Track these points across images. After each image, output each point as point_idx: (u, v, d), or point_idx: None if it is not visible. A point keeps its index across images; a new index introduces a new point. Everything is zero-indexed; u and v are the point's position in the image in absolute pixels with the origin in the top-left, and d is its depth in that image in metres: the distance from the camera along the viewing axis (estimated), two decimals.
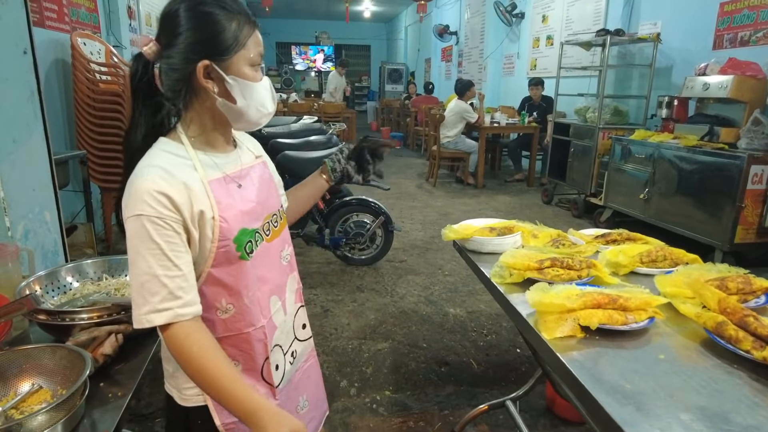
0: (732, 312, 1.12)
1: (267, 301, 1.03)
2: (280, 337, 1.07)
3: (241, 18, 0.91)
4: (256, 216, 0.99)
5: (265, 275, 1.02)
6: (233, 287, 0.95)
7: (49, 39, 3.42)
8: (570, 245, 1.65)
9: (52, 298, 1.36)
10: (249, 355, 1.01)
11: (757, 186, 3.31)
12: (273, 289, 1.05)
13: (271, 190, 1.08)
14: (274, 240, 1.05)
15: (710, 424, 0.84)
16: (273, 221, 1.05)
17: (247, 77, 0.92)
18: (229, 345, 0.98)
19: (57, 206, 2.10)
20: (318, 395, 1.25)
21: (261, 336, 1.01)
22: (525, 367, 2.41)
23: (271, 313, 1.04)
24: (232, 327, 0.98)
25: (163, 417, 2.05)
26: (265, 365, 1.03)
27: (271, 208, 1.05)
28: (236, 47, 0.90)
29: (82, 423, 0.95)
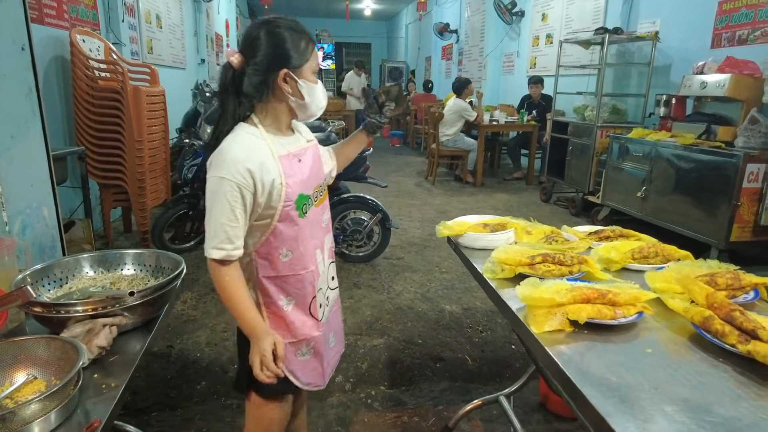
0: (719, 307, 1.13)
1: (314, 252, 1.33)
2: (323, 283, 1.38)
3: (307, 37, 1.24)
4: (310, 185, 1.30)
5: (313, 232, 1.33)
6: (293, 238, 1.27)
7: (48, 36, 3.43)
8: (563, 242, 1.66)
9: (48, 291, 1.38)
10: (301, 293, 1.32)
11: (753, 184, 3.32)
12: (317, 244, 1.35)
13: (320, 166, 1.39)
14: (320, 205, 1.37)
15: (693, 416, 0.85)
16: (320, 191, 1.36)
17: (311, 81, 1.25)
18: (287, 283, 1.30)
19: (55, 202, 2.11)
20: (340, 334, 1.56)
21: (311, 278, 1.32)
22: (519, 363, 2.43)
23: (317, 262, 1.34)
24: (290, 268, 1.29)
25: (158, 411, 2.07)
26: (313, 302, 1.34)
27: (320, 180, 1.37)
28: (306, 59, 1.23)
29: (75, 413, 0.97)
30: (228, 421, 2.01)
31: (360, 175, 3.54)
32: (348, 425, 2.00)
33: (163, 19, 6.03)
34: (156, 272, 1.51)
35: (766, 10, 3.87)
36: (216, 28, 9.39)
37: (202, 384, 2.22)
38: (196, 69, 7.70)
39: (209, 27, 8.72)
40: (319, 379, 1.42)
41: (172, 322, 2.73)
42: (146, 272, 1.52)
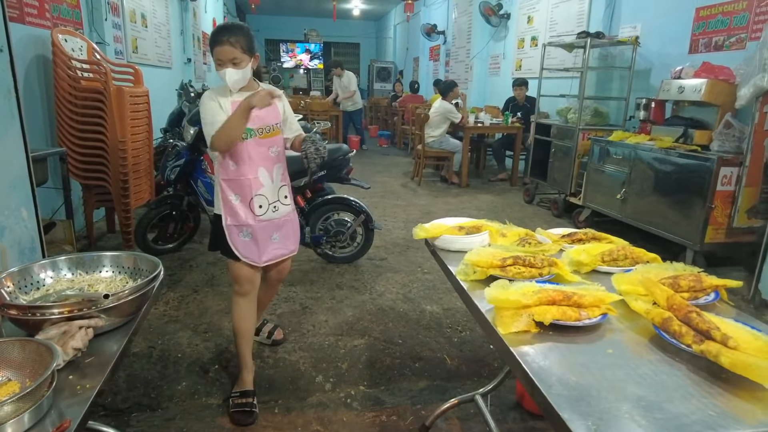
0: (678, 308, 1.18)
1: (255, 168, 1.96)
2: (266, 192, 1.99)
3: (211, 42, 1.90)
4: (253, 122, 1.89)
5: (255, 154, 1.95)
6: (236, 154, 1.93)
7: (29, 35, 3.41)
8: (536, 244, 1.70)
9: (25, 294, 1.38)
10: (243, 192, 1.97)
11: (727, 187, 3.41)
12: (260, 163, 1.96)
13: (269, 114, 1.96)
14: (265, 139, 1.97)
15: (644, 413, 0.89)
16: (266, 129, 1.97)
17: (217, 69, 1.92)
18: (234, 184, 1.96)
19: (34, 203, 2.11)
20: (288, 238, 2.13)
21: (248, 184, 1.95)
22: (497, 362, 2.47)
23: (258, 175, 1.96)
24: (234, 174, 1.95)
25: (138, 412, 2.08)
26: (252, 201, 1.97)
27: (266, 121, 1.96)
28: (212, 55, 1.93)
29: (49, 414, 0.98)
30: (208, 420, 2.03)
31: (343, 176, 3.56)
32: (327, 424, 2.03)
33: (148, 18, 6.00)
34: (134, 274, 1.52)
35: (740, 17, 3.97)
36: (203, 27, 9.35)
37: (183, 384, 2.23)
38: (182, 68, 7.66)
39: (196, 26, 8.67)
40: (255, 257, 2.02)
41: (154, 323, 2.73)
42: (124, 274, 1.53)
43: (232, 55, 1.83)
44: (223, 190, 1.97)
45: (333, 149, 3.36)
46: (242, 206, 1.96)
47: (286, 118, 2.09)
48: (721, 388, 0.96)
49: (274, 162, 2.01)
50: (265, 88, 1.94)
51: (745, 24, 3.93)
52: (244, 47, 1.85)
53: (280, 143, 2.04)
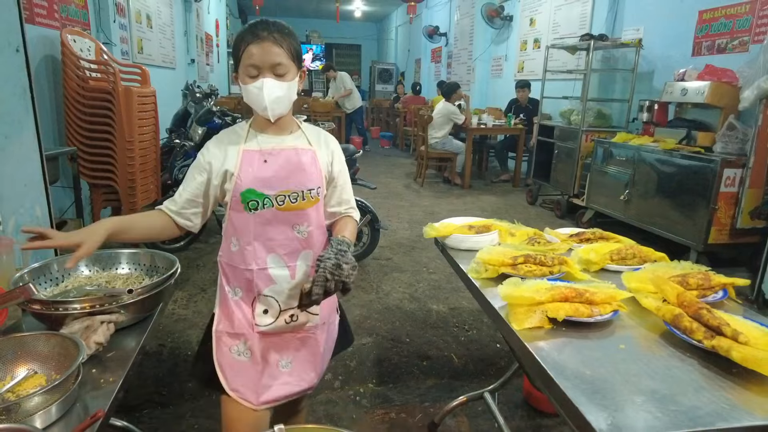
0: (688, 305, 1.20)
1: (263, 253, 1.30)
2: (277, 292, 1.32)
3: (242, 37, 1.25)
4: (271, 185, 1.27)
5: (268, 233, 1.30)
6: (239, 230, 1.30)
7: (39, 35, 3.43)
8: (545, 243, 1.73)
9: (44, 289, 1.41)
10: (245, 287, 1.33)
11: (730, 189, 3.43)
12: (275, 247, 1.30)
13: (298, 173, 1.30)
14: (288, 211, 1.30)
15: (659, 405, 0.92)
16: (291, 196, 1.29)
17: (243, 81, 1.27)
18: (233, 272, 1.34)
19: (47, 201, 2.14)
20: (305, 366, 1.41)
21: (250, 276, 1.31)
22: (504, 361, 2.49)
23: (267, 266, 1.31)
24: (235, 259, 1.33)
25: (150, 408, 2.10)
26: (255, 302, 1.33)
27: (290, 186, 1.29)
28: (238, 62, 1.27)
29: (75, 406, 1.00)
30: (218, 418, 2.04)
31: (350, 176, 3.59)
32: (336, 422, 2.05)
33: (153, 18, 6.03)
34: (150, 271, 1.54)
35: (743, 20, 3.99)
36: (206, 28, 9.38)
37: (193, 382, 2.26)
38: (185, 69, 7.69)
39: (199, 27, 8.71)
40: (250, 394, 1.31)
41: (163, 321, 2.75)
42: (141, 271, 1.55)
43: (275, 59, 1.21)
44: (221, 276, 1.37)
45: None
46: (242, 306, 1.32)
47: (333, 179, 1.39)
48: (733, 382, 0.99)
49: (301, 247, 1.31)
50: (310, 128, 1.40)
51: (748, 27, 3.96)
52: (293, 52, 1.25)
53: (314, 219, 1.33)
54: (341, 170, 1.43)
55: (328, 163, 1.38)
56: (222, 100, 8.04)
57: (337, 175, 1.41)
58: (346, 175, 1.45)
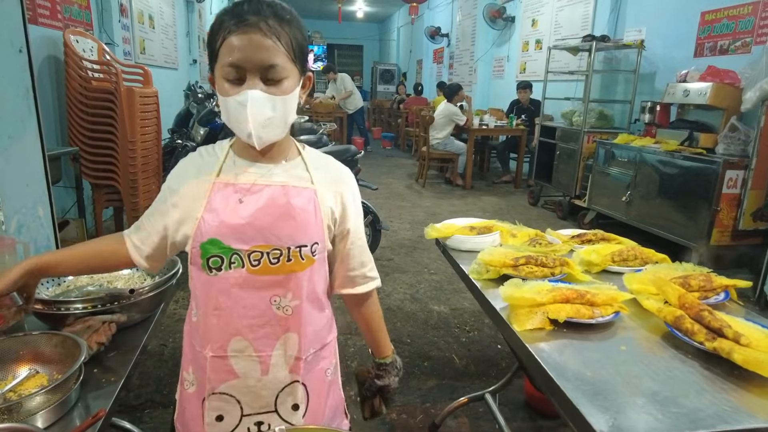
0: (689, 307, 1.20)
1: (224, 336, 0.94)
2: (241, 392, 0.97)
3: (219, 23, 0.86)
4: (242, 237, 0.90)
5: (234, 307, 0.92)
6: (197, 294, 0.97)
7: (42, 36, 3.44)
8: (546, 244, 1.73)
9: (46, 289, 1.41)
10: (199, 377, 0.98)
11: (732, 190, 3.43)
12: (241, 329, 0.93)
13: (285, 222, 0.92)
14: (265, 276, 0.91)
15: (660, 407, 0.91)
16: (271, 255, 0.91)
17: (221, 90, 0.88)
18: (191, 353, 1.02)
19: (50, 202, 2.14)
20: None
21: (203, 365, 0.96)
22: (505, 362, 2.49)
23: (227, 353, 0.94)
24: (192, 333, 1.01)
25: (151, 408, 2.10)
26: (204, 404, 0.98)
27: (273, 239, 0.91)
28: (213, 57, 0.89)
29: (77, 405, 1.01)
30: None
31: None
32: None
33: (155, 19, 6.04)
34: None
35: (746, 21, 3.99)
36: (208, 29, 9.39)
37: None
38: (188, 69, 7.70)
39: (201, 27, 8.72)
40: None
41: (165, 321, 2.76)
42: (142, 271, 1.56)
43: (268, 58, 0.84)
44: (183, 352, 1.06)
45: (341, 150, 3.39)
46: (194, 402, 1.01)
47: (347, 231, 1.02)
48: (735, 384, 0.99)
49: (280, 330, 0.95)
50: (314, 155, 1.02)
51: (751, 28, 3.95)
52: (294, 49, 0.88)
53: (304, 289, 0.95)
54: (359, 215, 1.04)
55: (334, 207, 0.99)
56: None
57: (355, 228, 1.03)
58: (361, 226, 1.06)
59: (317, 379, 1.03)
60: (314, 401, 1.02)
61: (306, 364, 0.99)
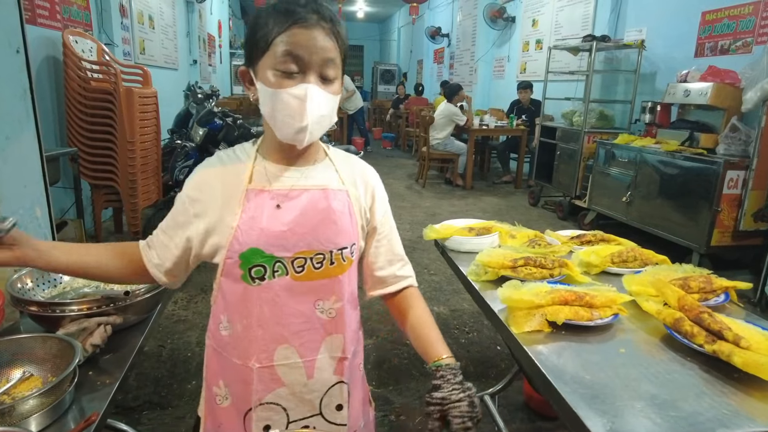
0: (689, 309, 1.19)
1: (270, 345, 0.91)
2: (287, 399, 0.94)
3: (275, 17, 0.82)
4: (285, 244, 0.88)
5: (278, 315, 0.90)
6: (234, 308, 0.92)
7: (41, 36, 3.44)
8: (545, 245, 1.72)
9: (42, 291, 1.40)
10: (239, 391, 0.94)
11: (733, 191, 3.42)
12: (287, 336, 0.91)
13: (326, 226, 0.90)
14: (309, 282, 0.91)
15: (659, 411, 0.90)
16: (315, 260, 0.90)
17: (268, 83, 0.84)
18: (223, 367, 0.96)
19: (48, 202, 2.14)
20: None
21: (248, 377, 0.92)
22: (504, 363, 2.48)
23: (274, 363, 0.92)
24: (226, 347, 0.95)
25: (149, 410, 2.09)
26: (248, 416, 0.93)
27: (316, 244, 0.90)
28: (263, 48, 0.84)
29: (71, 408, 1.00)
30: None
31: None
32: None
33: (155, 19, 6.04)
34: None
35: (747, 21, 3.98)
36: (208, 29, 9.40)
37: (193, 383, 2.25)
38: (188, 70, 7.70)
39: (201, 28, 8.72)
40: None
41: (163, 322, 2.75)
42: None
43: (328, 55, 0.85)
44: (207, 367, 1.01)
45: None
46: (232, 417, 0.96)
47: (375, 229, 1.02)
48: (734, 387, 0.98)
49: (324, 333, 0.95)
50: (339, 155, 1.01)
51: (752, 28, 3.94)
52: (343, 50, 0.89)
53: (346, 291, 0.95)
54: (386, 214, 1.04)
55: (366, 207, 0.99)
56: (224, 101, 8.05)
57: (382, 223, 1.02)
58: (392, 222, 1.06)
59: (355, 376, 1.03)
60: (353, 397, 1.01)
61: (349, 363, 0.98)
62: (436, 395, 0.87)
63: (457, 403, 0.85)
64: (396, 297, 1.06)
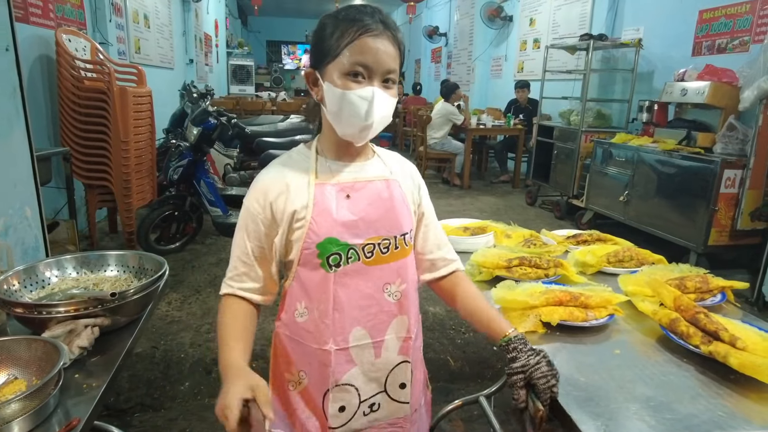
0: (685, 309, 1.17)
1: (346, 327, 0.97)
2: (358, 379, 1.00)
3: (345, 26, 0.91)
4: (356, 232, 0.96)
5: (353, 299, 0.97)
6: (313, 294, 0.97)
7: (33, 35, 3.41)
8: (541, 245, 1.70)
9: (30, 292, 1.38)
10: (316, 373, 0.99)
11: (730, 190, 3.41)
12: (360, 318, 0.98)
13: (391, 213, 0.99)
14: (378, 266, 0.98)
15: (654, 413, 0.89)
16: (382, 245, 0.98)
17: (336, 84, 0.92)
18: (298, 353, 1.01)
19: (38, 202, 2.11)
20: None
21: (326, 360, 0.98)
22: (501, 364, 2.46)
23: (349, 344, 0.98)
24: (302, 333, 1.00)
25: (141, 412, 2.07)
26: (326, 398, 0.99)
27: (383, 230, 0.98)
28: (331, 54, 0.92)
29: (55, 412, 0.98)
30: (212, 421, 2.03)
31: None
32: None
33: (151, 18, 6.01)
34: (139, 273, 1.52)
35: (744, 20, 3.97)
36: (205, 28, 9.37)
37: (186, 385, 2.23)
38: (184, 69, 7.68)
39: (198, 27, 8.69)
40: None
41: (156, 323, 2.73)
42: (129, 273, 1.53)
43: (391, 64, 0.93)
44: (275, 355, 1.07)
45: None
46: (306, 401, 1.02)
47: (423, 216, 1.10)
48: (730, 389, 0.96)
49: (392, 314, 1.01)
50: (385, 152, 1.09)
51: (749, 27, 3.93)
52: (403, 55, 0.98)
53: (410, 274, 1.04)
54: (429, 204, 1.13)
55: (416, 196, 1.08)
56: (220, 100, 8.03)
57: (427, 211, 1.11)
58: (433, 212, 1.15)
59: (417, 356, 1.09)
60: (415, 377, 1.08)
61: (412, 344, 1.05)
62: (516, 365, 0.94)
63: (537, 366, 0.92)
64: (444, 281, 1.13)
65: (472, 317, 1.08)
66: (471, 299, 1.09)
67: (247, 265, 0.99)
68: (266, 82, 13.70)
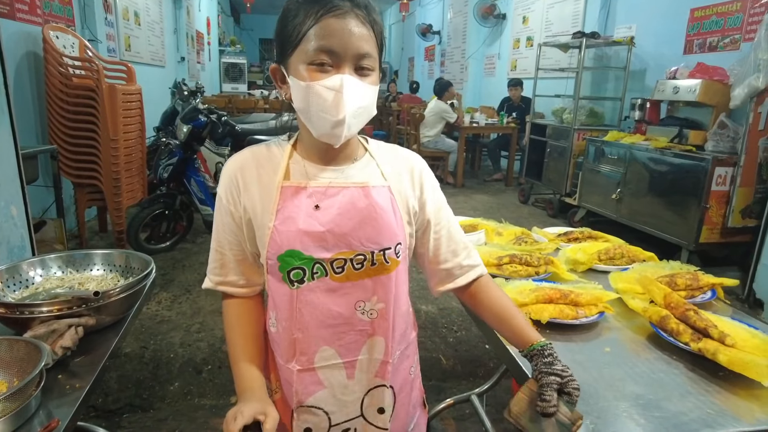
0: (675, 306, 1.17)
1: (311, 347, 0.89)
2: (327, 402, 0.92)
3: (307, 7, 0.78)
4: (323, 245, 0.84)
5: (318, 318, 0.87)
6: (278, 306, 0.90)
7: (20, 32, 3.37)
8: (532, 243, 1.70)
9: (13, 292, 1.36)
10: (284, 388, 0.94)
11: (721, 187, 3.42)
12: (327, 338, 0.89)
13: (368, 225, 0.86)
14: (351, 282, 0.87)
15: (643, 411, 0.88)
16: (355, 261, 0.86)
17: (301, 77, 0.80)
18: (273, 362, 0.96)
19: (24, 201, 2.08)
20: None
21: (290, 379, 0.91)
22: (493, 362, 2.46)
23: (314, 365, 0.90)
24: (274, 345, 0.95)
25: (130, 413, 2.05)
26: (293, 417, 0.93)
27: (356, 244, 0.85)
28: (294, 42, 0.80)
29: (37, 413, 0.96)
30: (201, 421, 2.01)
31: None
32: None
33: (141, 16, 5.96)
34: (126, 272, 1.50)
35: (735, 18, 3.98)
36: (197, 26, 9.31)
37: (176, 385, 2.21)
38: (175, 67, 7.62)
39: (190, 24, 8.63)
40: None
41: (146, 323, 2.70)
42: (115, 272, 1.51)
43: (363, 47, 0.79)
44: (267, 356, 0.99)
45: None
46: (282, 410, 0.93)
47: (428, 222, 0.97)
48: (719, 386, 0.96)
49: (366, 334, 0.91)
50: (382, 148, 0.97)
51: (740, 25, 3.94)
52: (380, 41, 0.84)
53: (390, 291, 0.90)
54: (439, 205, 0.98)
55: (414, 199, 0.94)
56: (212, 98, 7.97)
57: (436, 212, 0.97)
58: (447, 210, 1.00)
59: (402, 379, 0.99)
60: (400, 401, 0.99)
61: (393, 367, 0.94)
62: (556, 367, 0.83)
63: (572, 376, 0.82)
64: (469, 289, 1.00)
65: (501, 324, 0.96)
66: (500, 306, 0.96)
67: (224, 256, 0.94)
68: (259, 80, 13.62)
